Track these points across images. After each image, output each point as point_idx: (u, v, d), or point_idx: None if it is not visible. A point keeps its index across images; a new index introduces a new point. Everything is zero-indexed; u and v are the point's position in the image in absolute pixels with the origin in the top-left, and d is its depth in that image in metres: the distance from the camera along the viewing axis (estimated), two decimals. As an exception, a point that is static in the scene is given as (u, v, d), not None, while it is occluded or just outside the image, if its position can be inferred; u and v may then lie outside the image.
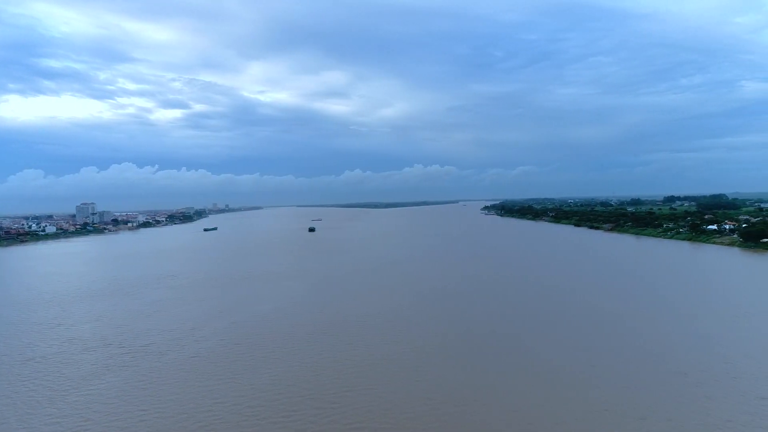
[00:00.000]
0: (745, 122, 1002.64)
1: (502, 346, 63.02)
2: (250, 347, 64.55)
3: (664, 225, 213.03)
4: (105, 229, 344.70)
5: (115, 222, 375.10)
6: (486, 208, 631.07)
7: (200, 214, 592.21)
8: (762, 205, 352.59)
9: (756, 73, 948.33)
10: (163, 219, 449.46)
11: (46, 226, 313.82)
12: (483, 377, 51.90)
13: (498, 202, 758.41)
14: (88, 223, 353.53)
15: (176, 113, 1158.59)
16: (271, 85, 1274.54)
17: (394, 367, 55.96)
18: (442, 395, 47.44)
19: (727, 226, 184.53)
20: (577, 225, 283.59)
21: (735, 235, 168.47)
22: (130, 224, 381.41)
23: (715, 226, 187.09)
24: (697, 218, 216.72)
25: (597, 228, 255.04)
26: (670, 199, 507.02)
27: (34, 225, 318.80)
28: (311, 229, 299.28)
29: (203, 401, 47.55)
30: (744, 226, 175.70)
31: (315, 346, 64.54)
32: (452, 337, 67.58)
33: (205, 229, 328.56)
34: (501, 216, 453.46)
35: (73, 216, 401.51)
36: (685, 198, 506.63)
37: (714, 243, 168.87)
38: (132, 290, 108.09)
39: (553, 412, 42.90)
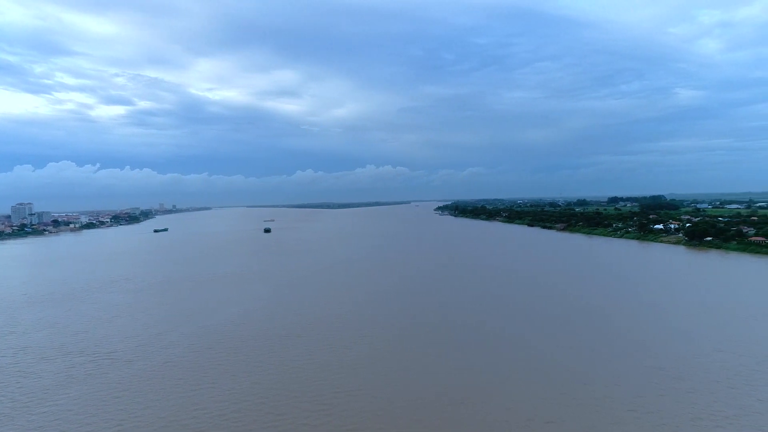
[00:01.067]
0: (679, 127, 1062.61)
1: (479, 341, 63.36)
2: (225, 352, 62.21)
3: (614, 225, 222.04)
4: (45, 230, 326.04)
5: (56, 223, 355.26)
6: (439, 208, 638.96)
7: (146, 214, 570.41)
8: (699, 206, 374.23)
9: (688, 81, 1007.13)
10: (108, 220, 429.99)
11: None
12: (466, 373, 51.93)
13: (450, 203, 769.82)
14: (26, 225, 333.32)
15: (119, 110, 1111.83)
16: (221, 83, 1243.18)
17: (378, 366, 55.25)
18: (432, 393, 47.13)
19: (672, 226, 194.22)
20: (530, 225, 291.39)
21: (680, 234, 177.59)
22: (72, 225, 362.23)
23: (661, 226, 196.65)
24: (643, 218, 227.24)
25: (550, 228, 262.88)
26: (614, 200, 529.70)
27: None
28: (267, 230, 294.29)
29: (184, 409, 45.30)
30: (688, 225, 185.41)
31: (292, 348, 62.96)
32: (427, 334, 67.49)
33: (156, 230, 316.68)
34: (455, 216, 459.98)
35: (8, 217, 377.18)
36: (628, 199, 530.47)
37: (661, 242, 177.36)
38: (85, 295, 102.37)
39: (549, 407, 43.51)
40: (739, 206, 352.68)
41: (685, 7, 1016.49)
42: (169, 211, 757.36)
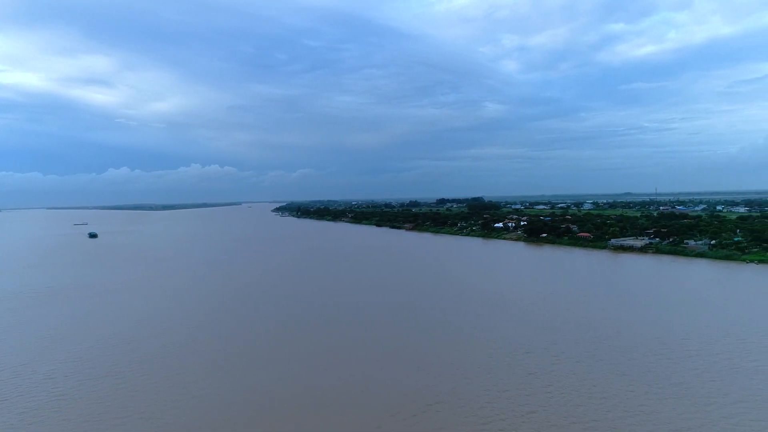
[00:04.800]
0: (487, 137, 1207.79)
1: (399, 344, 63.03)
2: (128, 379, 52.06)
3: (459, 224, 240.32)
4: None
5: None
6: (278, 209, 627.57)
7: None
8: (513, 206, 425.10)
9: (494, 96, 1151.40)
10: None
11: None
12: (418, 372, 51.15)
13: (283, 204, 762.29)
14: None
15: None
16: (13, 64, 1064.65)
17: (331, 376, 51.45)
18: (401, 399, 45.29)
19: (510, 225, 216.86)
20: (379, 225, 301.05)
21: (519, 232, 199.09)
22: None
23: (501, 224, 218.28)
24: (480, 218, 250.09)
25: (398, 228, 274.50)
26: (442, 201, 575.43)
27: None
28: (93, 235, 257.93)
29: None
30: (523, 224, 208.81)
31: (221, 367, 55.44)
32: (365, 335, 65.21)
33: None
34: (298, 217, 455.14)
35: None
36: (454, 200, 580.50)
37: (504, 239, 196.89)
38: None
39: (521, 398, 44.74)
40: (544, 207, 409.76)
41: (491, 30, 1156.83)
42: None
